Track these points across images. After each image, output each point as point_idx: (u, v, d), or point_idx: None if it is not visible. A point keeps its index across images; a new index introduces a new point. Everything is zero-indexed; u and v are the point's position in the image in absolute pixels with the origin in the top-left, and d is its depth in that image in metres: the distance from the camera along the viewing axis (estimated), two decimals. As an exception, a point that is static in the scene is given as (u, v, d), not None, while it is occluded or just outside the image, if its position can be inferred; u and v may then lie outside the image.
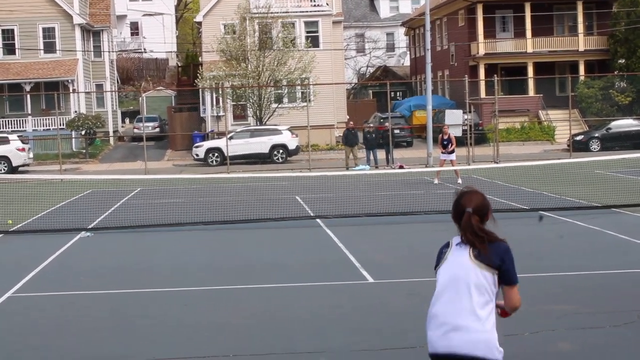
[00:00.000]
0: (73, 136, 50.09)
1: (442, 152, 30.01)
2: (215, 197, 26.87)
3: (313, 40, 51.31)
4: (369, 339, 9.80)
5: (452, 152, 29.60)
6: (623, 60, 54.18)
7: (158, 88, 68.88)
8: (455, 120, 48.79)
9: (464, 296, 5.41)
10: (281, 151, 44.37)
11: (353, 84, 71.99)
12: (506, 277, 5.46)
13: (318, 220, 20.46)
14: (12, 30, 53.73)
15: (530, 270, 13.57)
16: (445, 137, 29.90)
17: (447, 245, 5.74)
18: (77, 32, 54.18)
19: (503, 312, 5.62)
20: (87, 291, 13.04)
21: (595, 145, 46.03)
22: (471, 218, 5.60)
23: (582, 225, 18.27)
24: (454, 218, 5.76)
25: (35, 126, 51.59)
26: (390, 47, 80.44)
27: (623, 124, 47.03)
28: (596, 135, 46.77)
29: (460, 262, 5.51)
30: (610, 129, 46.79)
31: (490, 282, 5.41)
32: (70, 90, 52.30)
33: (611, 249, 15.47)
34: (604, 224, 18.14)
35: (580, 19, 56.42)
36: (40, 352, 9.74)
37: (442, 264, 5.65)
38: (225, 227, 19.73)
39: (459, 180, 28.13)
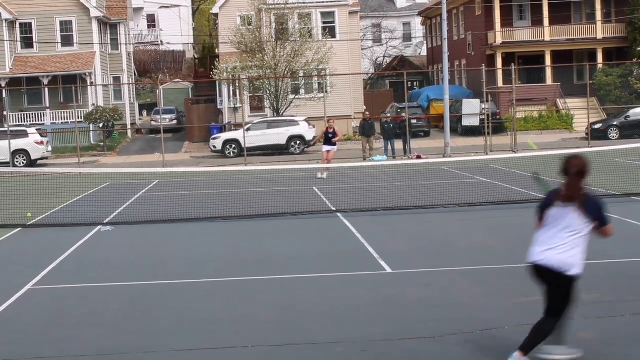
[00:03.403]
0: (91, 129, 50.27)
1: (325, 145, 30.84)
2: (233, 188, 26.91)
3: (330, 31, 51.22)
4: (387, 329, 9.79)
5: (335, 144, 30.69)
6: (642, 48, 53.85)
7: (175, 80, 69.01)
8: (472, 109, 48.72)
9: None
10: (298, 142, 44.34)
11: (370, 75, 71.85)
12: (601, 222, 8.02)
13: (335, 209, 20.46)
14: (30, 24, 53.94)
15: (549, 260, 13.52)
16: (331, 130, 30.86)
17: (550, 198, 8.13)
18: (94, 25, 54.34)
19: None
20: (107, 283, 13.08)
21: (613, 134, 45.76)
22: (575, 178, 7.80)
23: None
24: (562, 172, 7.95)
25: (53, 119, 51.83)
26: (407, 37, 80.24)
27: (642, 111, 46.72)
28: (615, 123, 46.49)
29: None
30: (629, 116, 46.48)
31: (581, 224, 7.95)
32: (88, 83, 52.48)
33: (631, 238, 15.38)
34: (623, 213, 18.03)
35: (598, 6, 56.09)
36: (61, 343, 9.78)
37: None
38: (243, 218, 19.76)
39: (324, 175, 29.01)
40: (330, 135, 30.94)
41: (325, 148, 30.94)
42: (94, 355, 9.23)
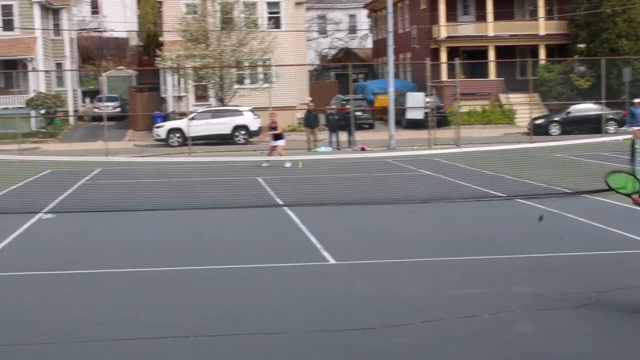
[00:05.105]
0: (32, 115, 49.57)
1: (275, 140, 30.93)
2: (176, 177, 26.77)
3: (275, 21, 51.12)
4: (329, 320, 9.84)
5: (279, 138, 30.78)
6: (583, 45, 54.58)
7: (119, 67, 68.32)
8: (416, 103, 49.01)
9: None
10: (243, 132, 44.22)
11: (315, 66, 71.89)
12: None
13: (279, 200, 20.49)
14: (-30, 8, 53.00)
15: (488, 253, 13.72)
16: (274, 125, 30.97)
17: None
18: (36, 10, 53.52)
19: None
20: (47, 271, 12.96)
21: (555, 129, 46.39)
22: None
23: (542, 208, 18.43)
24: None
25: (-7, 105, 51.01)
26: (353, 29, 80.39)
27: (582, 108, 47.41)
28: (556, 119, 47.14)
29: None
30: (570, 113, 47.17)
31: None
32: (30, 69, 51.71)
33: (569, 232, 15.61)
34: (563, 207, 18.31)
35: (541, 3, 56.77)
36: (0, 330, 9.68)
37: None
38: (186, 208, 19.66)
39: (265, 164, 29.77)
40: (274, 130, 30.81)
41: (274, 143, 30.70)
42: (33, 344, 9.13)
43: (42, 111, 48.98)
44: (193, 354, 8.77)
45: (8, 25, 53.29)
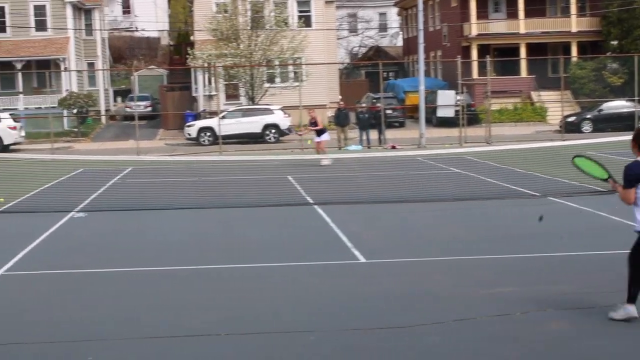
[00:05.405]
0: (65, 115, 49.94)
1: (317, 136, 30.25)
2: (207, 175, 26.85)
3: (305, 20, 51.17)
4: (358, 319, 9.81)
5: (322, 133, 29.98)
6: (616, 42, 54.15)
7: (150, 67, 68.68)
8: (447, 101, 48.85)
9: None
10: (273, 131, 44.31)
11: (345, 64, 71.86)
12: None
13: (309, 199, 20.49)
14: (3, 8, 53.48)
15: (520, 251, 13.63)
16: (313, 121, 30.31)
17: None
18: (69, 10, 53.94)
19: None
20: (79, 270, 13.02)
21: (587, 127, 46.04)
22: None
23: (574, 207, 18.31)
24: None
25: (27, 104, 51.42)
26: (383, 27, 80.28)
27: (615, 105, 47.02)
28: (588, 116, 46.79)
29: None
30: (602, 110, 46.80)
31: None
32: (62, 69, 52.10)
33: (602, 230, 15.48)
34: (596, 205, 18.16)
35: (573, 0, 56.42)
36: (33, 329, 9.71)
37: None
38: (216, 207, 19.71)
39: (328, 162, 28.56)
40: (313, 124, 30.50)
41: (317, 139, 30.43)
42: (64, 342, 9.19)
43: (75, 111, 49.35)
44: (206, 352, 8.77)
45: (41, 26, 53.75)
